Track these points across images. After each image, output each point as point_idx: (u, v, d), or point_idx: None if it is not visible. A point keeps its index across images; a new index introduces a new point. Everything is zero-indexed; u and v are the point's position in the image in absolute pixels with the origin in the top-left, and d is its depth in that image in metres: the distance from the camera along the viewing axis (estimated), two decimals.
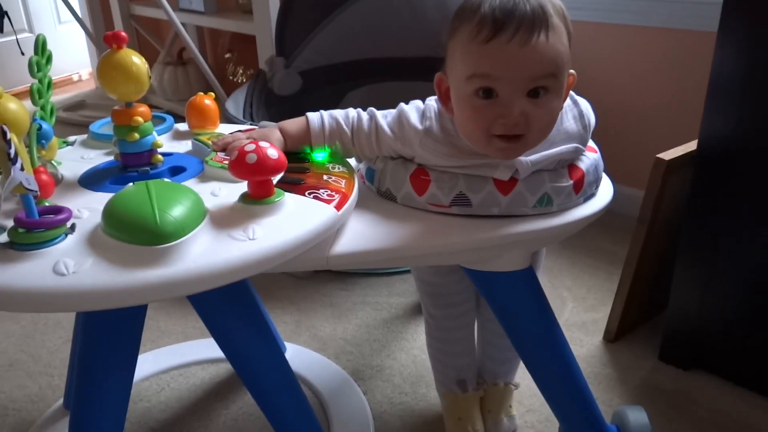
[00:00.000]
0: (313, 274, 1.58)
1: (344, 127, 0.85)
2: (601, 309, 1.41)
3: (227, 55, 2.79)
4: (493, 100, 0.73)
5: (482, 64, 0.72)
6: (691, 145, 1.17)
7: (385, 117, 0.84)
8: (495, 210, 0.78)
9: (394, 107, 0.85)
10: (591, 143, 0.88)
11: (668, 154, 1.17)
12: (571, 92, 0.84)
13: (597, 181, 0.86)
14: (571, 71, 0.77)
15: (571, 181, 0.80)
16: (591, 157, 0.85)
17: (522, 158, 0.77)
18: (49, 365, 1.30)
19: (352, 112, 0.86)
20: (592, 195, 0.85)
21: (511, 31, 0.70)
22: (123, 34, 0.78)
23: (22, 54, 2.49)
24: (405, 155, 0.84)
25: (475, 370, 1.09)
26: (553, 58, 0.72)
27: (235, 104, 1.70)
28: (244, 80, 2.68)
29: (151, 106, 0.85)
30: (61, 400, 1.17)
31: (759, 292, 1.11)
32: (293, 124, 0.87)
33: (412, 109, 0.83)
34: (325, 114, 0.87)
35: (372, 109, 0.86)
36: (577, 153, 0.83)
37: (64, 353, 1.33)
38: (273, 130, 0.86)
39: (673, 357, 1.24)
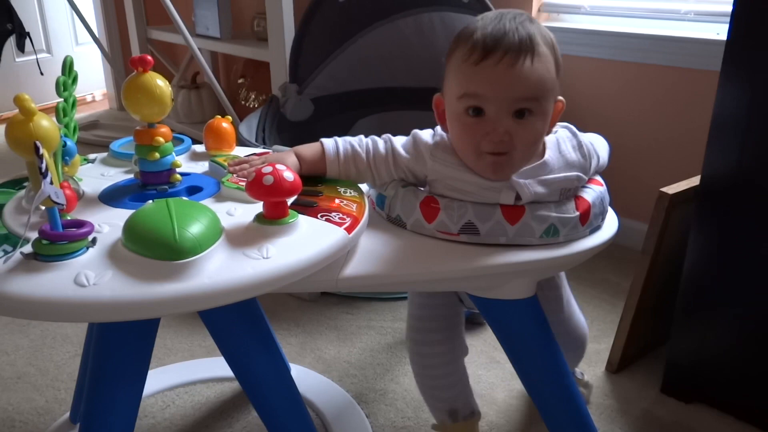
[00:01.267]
0: (319, 297, 1.60)
1: (360, 152, 0.88)
2: (603, 340, 1.42)
3: (240, 80, 2.85)
4: (482, 118, 0.79)
5: (472, 85, 0.78)
6: (695, 180, 1.20)
7: (399, 140, 0.89)
8: (502, 239, 0.81)
9: (404, 135, 0.90)
10: (598, 177, 0.91)
11: (672, 189, 1.19)
12: (570, 125, 0.88)
13: (603, 214, 0.88)
14: (560, 98, 0.83)
15: (578, 213, 0.82)
16: (597, 189, 0.87)
17: (522, 181, 0.80)
18: (56, 379, 1.31)
19: (364, 138, 0.90)
20: (598, 227, 0.87)
21: (499, 54, 0.76)
22: (149, 58, 0.81)
23: (41, 74, 2.54)
24: (419, 175, 0.87)
25: (466, 399, 1.08)
26: (537, 82, 0.78)
27: (248, 128, 1.74)
28: (256, 105, 2.72)
29: None
30: (67, 414, 1.19)
31: (760, 327, 1.12)
32: (308, 149, 0.90)
33: (425, 132, 0.89)
34: (339, 140, 0.90)
35: (387, 134, 0.90)
36: (579, 182, 0.85)
37: (72, 368, 1.34)
38: (288, 154, 0.88)
39: (675, 390, 1.25)
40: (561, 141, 0.86)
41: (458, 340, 1.05)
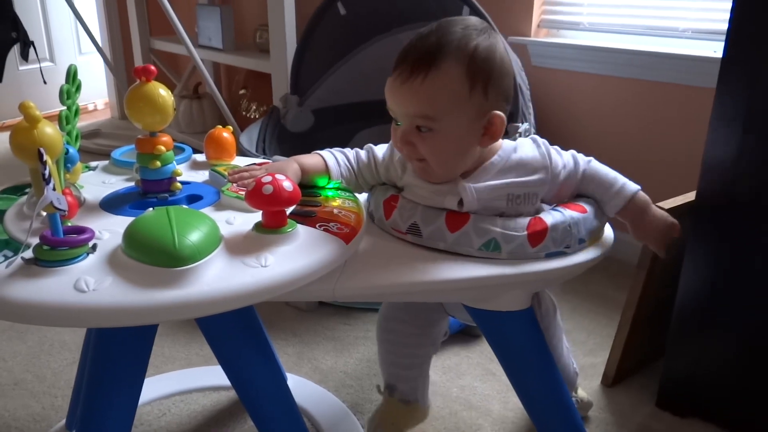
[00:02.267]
0: (317, 307, 1.60)
1: (353, 162, 0.93)
2: (600, 354, 1.42)
3: (242, 91, 2.87)
4: (398, 127, 0.83)
5: (386, 97, 0.83)
6: (690, 196, 1.21)
7: (381, 148, 0.93)
8: (441, 245, 0.82)
9: None
10: (583, 204, 0.87)
11: (667, 203, 1.20)
12: (536, 137, 0.88)
13: (568, 240, 0.83)
14: (496, 112, 0.81)
15: (525, 232, 0.81)
16: (567, 214, 0.83)
17: (466, 185, 0.82)
18: (53, 386, 1.31)
19: (350, 150, 0.95)
20: (562, 253, 0.83)
21: (399, 70, 0.80)
22: (152, 68, 0.83)
23: (45, 83, 2.56)
24: (392, 180, 0.91)
25: (412, 386, 1.11)
26: (427, 99, 0.79)
27: (248, 138, 1.75)
28: (257, 116, 2.74)
29: None
30: (63, 421, 1.19)
31: (755, 341, 1.12)
32: (310, 159, 0.92)
33: None
34: (335, 152, 0.94)
35: (369, 144, 0.95)
36: (530, 188, 0.83)
37: (69, 375, 1.34)
38: (290, 163, 0.90)
39: (670, 404, 1.25)
40: (519, 145, 0.86)
41: (426, 332, 1.07)
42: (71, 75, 0.84)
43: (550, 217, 0.83)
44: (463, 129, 0.81)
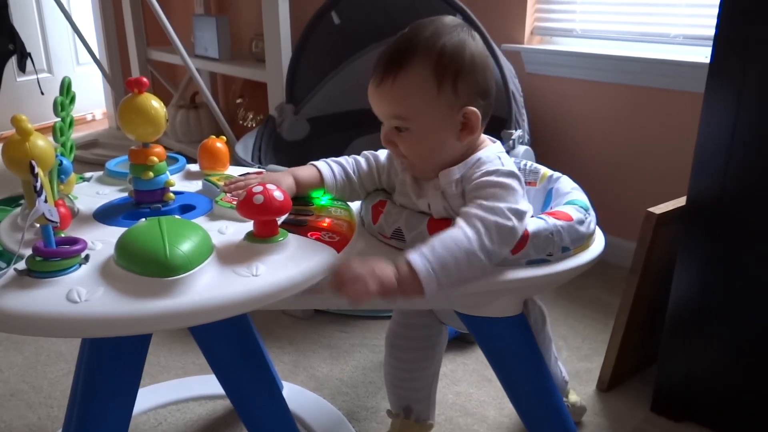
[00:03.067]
0: (313, 315, 1.61)
1: (351, 173, 0.93)
2: (594, 359, 1.43)
3: (238, 101, 2.88)
4: (383, 127, 0.86)
5: (369, 100, 0.85)
6: (681, 200, 1.21)
7: (382, 153, 0.95)
8: None
9: None
10: (567, 211, 0.86)
11: (659, 208, 1.21)
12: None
13: (550, 248, 0.82)
14: (470, 108, 0.81)
15: None
16: (551, 222, 0.83)
17: (434, 196, 0.84)
18: (49, 396, 1.32)
19: (348, 158, 0.95)
20: (544, 261, 0.83)
21: (374, 74, 0.82)
22: (144, 80, 0.84)
23: (42, 93, 2.57)
24: (397, 184, 0.91)
25: (426, 405, 1.12)
26: (398, 100, 0.81)
27: (244, 147, 1.76)
28: (254, 125, 2.75)
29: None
30: (59, 431, 1.19)
31: (748, 346, 1.13)
32: (305, 171, 0.92)
33: None
34: (331, 162, 0.94)
35: (368, 151, 0.95)
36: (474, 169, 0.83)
37: (65, 385, 1.35)
38: (285, 175, 0.90)
39: (665, 409, 1.25)
40: (490, 148, 0.86)
41: (431, 351, 1.07)
42: (65, 87, 0.85)
43: (533, 224, 0.82)
44: (437, 126, 0.82)
